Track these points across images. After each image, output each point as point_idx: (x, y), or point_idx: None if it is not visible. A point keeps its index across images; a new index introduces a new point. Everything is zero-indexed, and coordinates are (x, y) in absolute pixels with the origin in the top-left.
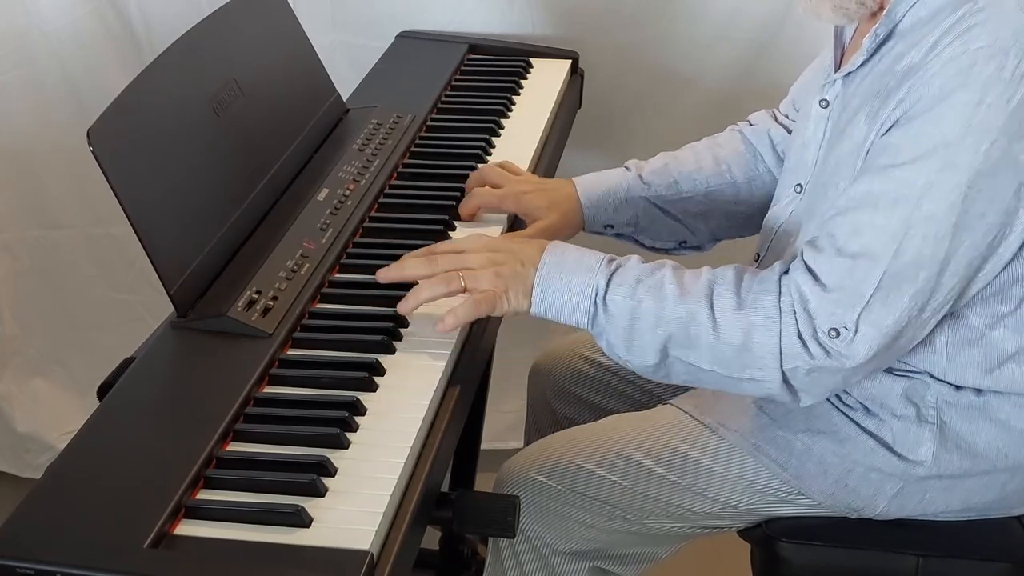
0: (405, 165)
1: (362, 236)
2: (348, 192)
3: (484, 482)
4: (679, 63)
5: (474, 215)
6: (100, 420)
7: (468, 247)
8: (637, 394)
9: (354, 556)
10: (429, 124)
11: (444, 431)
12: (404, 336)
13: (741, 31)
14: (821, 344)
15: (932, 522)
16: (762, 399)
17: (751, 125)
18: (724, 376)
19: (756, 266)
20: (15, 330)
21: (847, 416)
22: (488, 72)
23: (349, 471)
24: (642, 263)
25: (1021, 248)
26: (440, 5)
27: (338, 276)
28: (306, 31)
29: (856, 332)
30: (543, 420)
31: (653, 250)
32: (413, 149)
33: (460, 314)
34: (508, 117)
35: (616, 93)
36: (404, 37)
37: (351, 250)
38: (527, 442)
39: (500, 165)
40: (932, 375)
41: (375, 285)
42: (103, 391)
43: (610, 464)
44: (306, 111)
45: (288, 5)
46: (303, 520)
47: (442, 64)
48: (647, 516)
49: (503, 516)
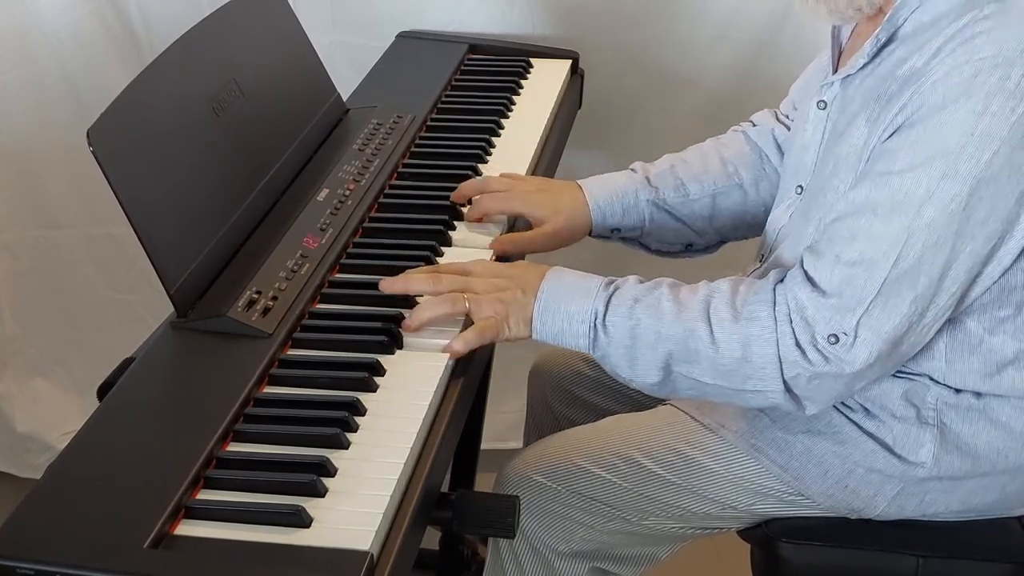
0: (405, 165)
1: (362, 236)
2: (348, 192)
3: (484, 482)
4: (679, 63)
5: (481, 219)
6: (100, 420)
7: (473, 270)
8: (637, 395)
9: (354, 556)
10: (429, 124)
11: (444, 431)
12: (404, 336)
13: (741, 31)
14: (820, 350)
15: (932, 522)
16: None
17: (754, 126)
18: (728, 389)
19: (759, 268)
20: (15, 330)
21: (847, 417)
22: (488, 72)
23: (349, 471)
24: (640, 283)
25: (1021, 254)
26: (440, 5)
27: (338, 276)
28: (306, 31)
29: (856, 337)
30: (543, 420)
31: (659, 253)
32: (413, 149)
33: (469, 339)
34: (508, 117)
35: (616, 93)
36: (404, 37)
37: (351, 250)
38: (527, 442)
39: (502, 175)
40: (932, 378)
41: (375, 285)
42: (103, 391)
43: (610, 465)
44: (306, 111)
45: (288, 5)
46: (303, 520)
47: (442, 64)
48: (647, 517)
49: (503, 516)
